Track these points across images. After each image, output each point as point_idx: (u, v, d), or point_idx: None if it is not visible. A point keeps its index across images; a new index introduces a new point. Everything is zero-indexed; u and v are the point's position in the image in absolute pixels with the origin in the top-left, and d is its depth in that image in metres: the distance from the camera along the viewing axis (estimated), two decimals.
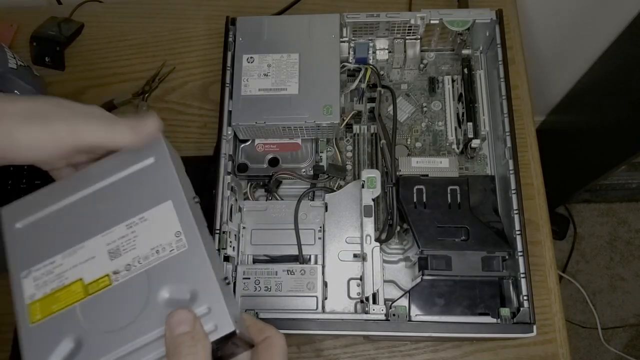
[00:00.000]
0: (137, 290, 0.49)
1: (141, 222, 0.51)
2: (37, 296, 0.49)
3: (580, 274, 1.68)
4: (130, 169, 0.53)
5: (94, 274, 0.49)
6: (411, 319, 0.63)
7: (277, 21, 0.75)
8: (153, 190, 0.52)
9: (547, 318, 0.73)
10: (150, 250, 0.49)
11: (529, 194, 0.78)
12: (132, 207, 0.51)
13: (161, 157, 0.53)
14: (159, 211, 0.51)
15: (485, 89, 0.75)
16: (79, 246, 0.50)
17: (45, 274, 0.50)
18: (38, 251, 0.51)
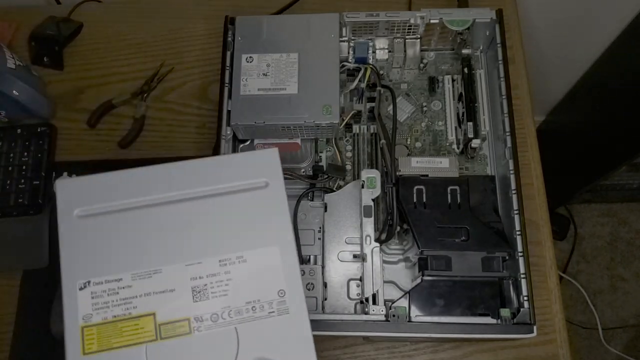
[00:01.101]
0: (222, 351, 0.39)
1: (239, 262, 0.41)
2: (94, 319, 0.39)
3: (581, 274, 1.68)
4: (238, 183, 0.43)
5: (170, 313, 0.39)
6: (411, 319, 0.62)
7: (276, 21, 0.75)
8: (259, 224, 0.42)
9: (547, 319, 0.72)
10: (245, 304, 0.40)
11: (529, 194, 0.77)
12: (230, 239, 0.42)
13: (275, 181, 0.44)
14: (262, 255, 0.42)
15: (485, 88, 0.75)
16: (155, 270, 0.40)
17: (107, 293, 0.39)
18: (101, 258, 0.40)
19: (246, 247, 0.41)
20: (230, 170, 0.43)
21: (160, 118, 0.86)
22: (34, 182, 0.80)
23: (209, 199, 0.42)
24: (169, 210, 0.41)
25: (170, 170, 0.42)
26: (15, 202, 0.79)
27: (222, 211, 0.42)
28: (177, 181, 0.42)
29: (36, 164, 0.81)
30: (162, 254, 0.40)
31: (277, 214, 0.43)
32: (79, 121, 0.86)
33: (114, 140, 0.84)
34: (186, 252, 0.40)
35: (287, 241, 0.42)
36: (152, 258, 0.40)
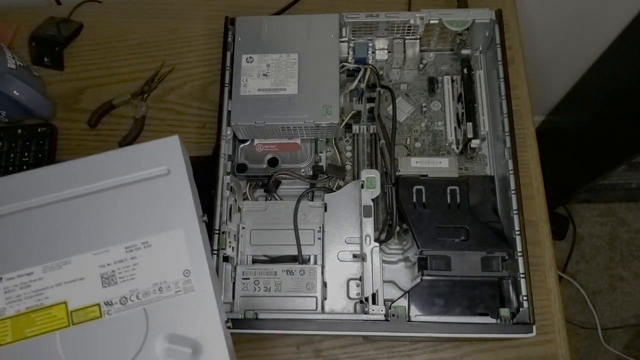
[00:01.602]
0: (132, 331, 0.40)
1: (144, 247, 0.43)
2: (7, 312, 0.40)
3: (580, 274, 1.68)
4: (139, 173, 0.44)
5: (81, 300, 0.41)
6: (411, 319, 0.63)
7: (276, 21, 0.75)
8: (162, 210, 0.43)
9: (546, 318, 0.72)
10: (152, 286, 0.42)
11: (529, 194, 0.77)
12: (134, 226, 0.43)
13: (176, 168, 0.45)
14: (166, 238, 0.43)
15: (484, 89, 0.75)
16: (65, 260, 0.41)
17: (20, 286, 0.40)
18: (13, 254, 0.41)
19: (151, 232, 0.43)
20: (132, 161, 0.44)
21: (161, 118, 0.86)
22: None
23: (113, 190, 0.43)
24: (75, 204, 0.42)
25: (73, 167, 0.44)
26: None
27: (126, 200, 0.43)
28: (82, 176, 0.43)
29: (37, 164, 0.81)
30: (71, 245, 0.42)
31: (180, 198, 0.44)
32: (79, 121, 0.86)
33: (115, 140, 0.84)
34: (93, 242, 0.42)
35: (191, 223, 0.43)
36: (61, 250, 0.41)
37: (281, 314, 0.64)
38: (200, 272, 0.43)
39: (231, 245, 0.68)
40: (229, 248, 0.67)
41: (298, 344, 0.73)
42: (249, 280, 0.67)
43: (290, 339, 0.73)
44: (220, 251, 0.65)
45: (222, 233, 0.66)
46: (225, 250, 0.66)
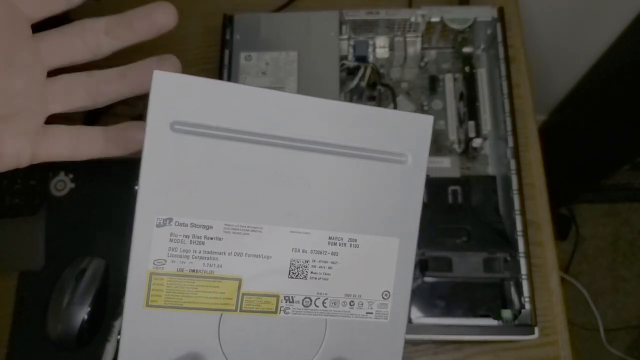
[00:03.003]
0: (304, 341, 0.34)
1: (350, 245, 0.35)
2: (167, 267, 0.31)
3: (583, 275, 1.67)
4: (375, 147, 0.34)
5: (260, 283, 0.33)
6: (411, 321, 0.62)
7: (275, 19, 0.75)
8: (385, 206, 0.35)
9: (548, 320, 0.72)
10: (344, 296, 0.34)
11: (531, 194, 0.77)
12: (347, 216, 0.35)
13: (419, 159, 0.35)
14: (378, 244, 0.35)
15: (486, 87, 0.74)
16: (256, 227, 0.33)
17: (191, 240, 0.32)
18: (192, 194, 0.32)
19: (363, 230, 0.35)
20: (375, 128, 0.34)
21: None
22: (30, 182, 0.79)
23: (337, 157, 0.33)
24: (288, 156, 0.32)
25: (306, 104, 0.33)
26: (10, 202, 0.78)
27: (348, 179, 0.34)
28: (309, 121, 0.33)
29: None
30: (268, 209, 0.33)
31: (410, 201, 0.35)
32: (75, 120, 0.85)
33: None
34: (295, 216, 0.33)
35: (411, 235, 0.35)
36: (254, 211, 0.33)
37: None
38: (400, 299, 0.36)
39: None
40: None
41: None
42: None
43: None
44: None
45: None
46: None
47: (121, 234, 0.78)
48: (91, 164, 0.82)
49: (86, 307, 0.71)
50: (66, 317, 0.71)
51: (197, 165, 0.31)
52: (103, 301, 0.74)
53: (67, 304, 0.71)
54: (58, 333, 0.71)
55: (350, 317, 0.34)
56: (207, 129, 0.32)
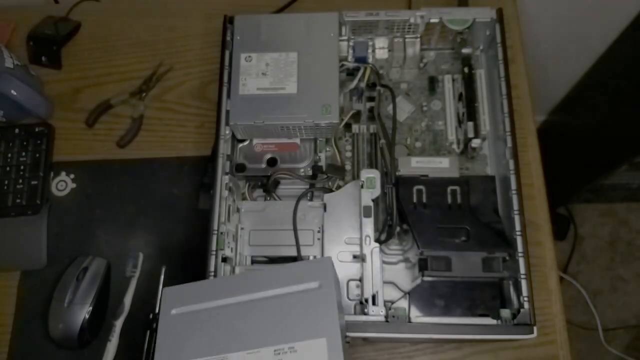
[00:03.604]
0: None
1: (290, 352, 0.48)
2: None
3: (581, 274, 1.67)
4: (294, 287, 0.52)
5: None
6: (411, 320, 0.62)
7: (275, 20, 0.75)
8: (310, 320, 0.50)
9: (547, 319, 0.72)
10: None
11: (530, 194, 0.77)
12: (284, 332, 0.49)
13: (326, 284, 0.51)
14: (310, 345, 0.48)
15: (485, 88, 0.74)
16: (224, 357, 0.50)
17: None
18: (184, 345, 0.51)
19: (298, 339, 0.49)
20: (290, 276, 0.52)
21: (159, 118, 0.85)
22: (32, 182, 0.79)
23: (271, 300, 0.51)
24: (237, 309, 0.51)
25: (245, 278, 0.53)
26: (13, 202, 0.79)
27: (281, 309, 0.50)
28: (248, 285, 0.52)
29: (34, 164, 0.81)
30: (230, 343, 0.49)
31: (326, 311, 0.50)
32: (77, 121, 0.86)
33: (112, 140, 0.84)
34: (249, 342, 0.49)
35: (334, 334, 0.49)
36: (221, 347, 0.50)
37: None
38: None
39: (230, 246, 0.68)
40: (227, 249, 0.67)
41: None
42: None
43: None
44: (219, 252, 0.65)
45: (220, 233, 0.65)
46: (224, 251, 0.66)
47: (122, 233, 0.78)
48: (91, 165, 0.83)
49: (87, 306, 0.72)
50: (68, 316, 0.71)
51: (186, 329, 0.51)
52: (104, 300, 0.75)
53: (68, 303, 0.72)
54: (60, 332, 0.71)
55: None
56: (190, 309, 0.53)
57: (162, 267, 0.76)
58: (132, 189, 0.81)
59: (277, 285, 0.52)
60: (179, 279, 0.75)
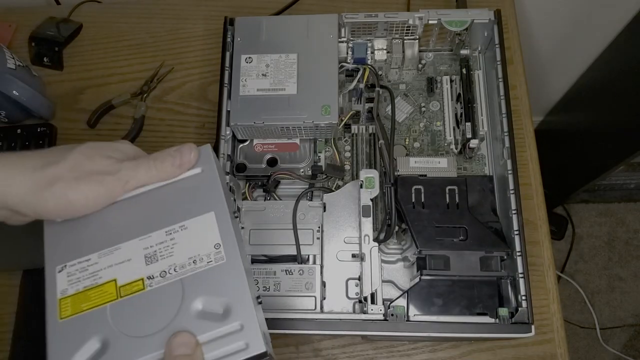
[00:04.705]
0: (170, 299, 0.48)
1: (181, 230, 0.51)
2: (69, 292, 0.49)
3: (579, 274, 1.68)
4: (183, 175, 0.53)
5: (128, 277, 0.49)
6: (409, 319, 0.63)
7: (275, 21, 0.75)
8: (197, 200, 0.52)
9: (545, 318, 0.73)
10: (187, 260, 0.50)
11: (528, 194, 0.78)
12: (173, 215, 0.51)
13: (208, 168, 0.53)
14: (200, 221, 0.51)
15: (483, 89, 0.75)
16: (116, 247, 0.50)
17: (79, 271, 0.50)
18: (75, 247, 0.51)
19: (187, 217, 0.51)
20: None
21: (160, 118, 0.86)
22: None
23: (157, 190, 0.53)
24: (127, 204, 0.52)
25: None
26: None
27: (167, 196, 0.52)
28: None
29: None
30: (121, 234, 0.51)
31: (211, 189, 0.52)
32: (78, 121, 0.86)
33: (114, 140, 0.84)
34: (139, 230, 0.51)
35: (221, 207, 0.51)
36: (113, 239, 0.51)
37: (280, 314, 0.64)
38: (229, 244, 0.50)
39: None
40: None
41: (297, 344, 0.73)
42: None
43: (289, 338, 0.73)
44: None
45: None
46: None
47: None
48: None
49: None
50: None
51: (74, 231, 0.51)
52: None
53: None
54: None
55: (197, 270, 0.49)
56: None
57: None
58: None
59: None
60: None
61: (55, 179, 0.46)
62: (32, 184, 0.46)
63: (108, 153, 0.50)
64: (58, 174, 0.47)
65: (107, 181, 0.49)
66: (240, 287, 0.49)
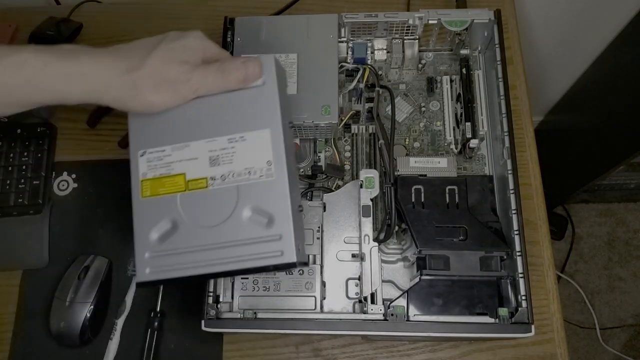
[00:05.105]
0: (227, 201, 0.58)
1: (241, 140, 0.58)
2: (148, 175, 0.60)
3: (579, 274, 1.68)
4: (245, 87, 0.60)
5: (195, 173, 0.59)
6: (409, 318, 0.63)
7: (275, 21, 0.75)
8: (256, 113, 0.59)
9: (545, 318, 0.73)
10: (243, 169, 0.58)
11: (527, 194, 0.78)
12: (235, 124, 0.59)
13: (270, 82, 0.59)
14: (257, 135, 0.58)
15: (483, 89, 0.75)
16: (186, 144, 0.59)
17: (156, 159, 0.60)
18: (153, 138, 0.60)
19: (246, 130, 0.58)
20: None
21: None
22: (34, 182, 0.80)
23: (223, 96, 0.59)
24: (194, 107, 0.59)
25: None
26: (15, 201, 0.79)
27: (232, 105, 0.59)
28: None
29: (36, 163, 0.81)
30: (192, 133, 0.59)
31: (270, 105, 0.59)
32: (78, 121, 0.86)
33: (114, 140, 0.84)
34: (206, 133, 0.59)
35: (277, 126, 0.58)
36: (184, 136, 0.59)
37: (280, 314, 0.64)
38: (279, 164, 0.57)
39: None
40: None
41: (297, 344, 0.73)
42: (248, 280, 0.67)
43: (289, 338, 0.73)
44: None
45: None
46: None
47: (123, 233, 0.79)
48: (92, 165, 0.83)
49: (89, 305, 0.72)
50: (69, 315, 0.72)
51: (154, 124, 0.60)
52: (106, 299, 0.75)
53: (70, 302, 0.72)
54: (61, 330, 0.72)
55: (250, 181, 0.58)
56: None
57: None
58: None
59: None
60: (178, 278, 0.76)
61: (138, 84, 0.54)
62: (121, 86, 0.54)
63: (182, 57, 0.56)
64: (140, 81, 0.54)
65: (180, 88, 0.56)
66: (283, 205, 0.57)
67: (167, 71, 0.55)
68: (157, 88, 0.55)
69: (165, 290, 0.75)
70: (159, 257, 0.59)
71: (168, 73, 0.55)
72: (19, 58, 0.50)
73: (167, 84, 0.56)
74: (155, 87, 0.55)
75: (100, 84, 0.54)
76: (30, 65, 0.51)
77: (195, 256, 0.58)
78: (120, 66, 0.54)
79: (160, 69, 0.55)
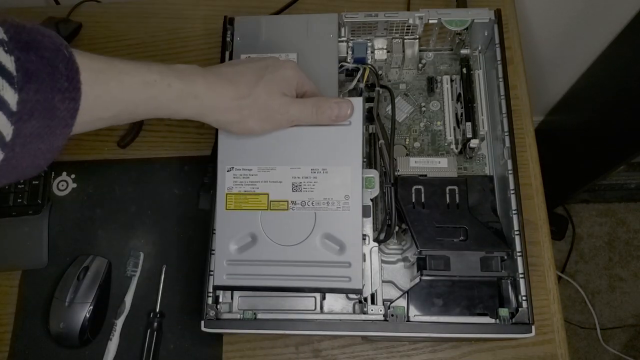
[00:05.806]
0: (304, 224, 0.62)
1: (323, 172, 0.62)
2: (233, 190, 0.64)
3: (579, 274, 1.68)
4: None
5: (277, 195, 0.63)
6: (409, 319, 0.63)
7: (275, 21, 0.75)
8: (340, 150, 0.63)
9: (545, 318, 0.73)
10: (322, 199, 0.62)
11: (528, 194, 0.78)
12: (320, 157, 0.63)
13: (356, 123, 0.63)
14: (339, 170, 0.62)
15: (483, 88, 0.74)
16: (272, 167, 0.63)
17: (242, 176, 0.64)
18: (241, 156, 0.64)
19: (330, 164, 0.63)
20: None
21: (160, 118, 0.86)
22: (33, 182, 0.80)
23: (312, 130, 0.63)
24: (285, 136, 0.63)
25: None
26: (14, 202, 0.79)
27: (319, 139, 0.63)
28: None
29: None
30: (278, 158, 0.63)
31: (354, 145, 0.63)
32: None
33: (113, 140, 0.84)
34: (292, 160, 0.63)
35: (357, 164, 0.62)
36: (271, 160, 0.63)
37: (280, 314, 0.64)
38: (355, 199, 0.62)
39: None
40: None
41: (297, 344, 0.73)
42: None
43: (289, 339, 0.73)
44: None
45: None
46: None
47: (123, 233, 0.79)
48: (91, 165, 0.83)
49: (88, 305, 0.72)
50: (68, 315, 0.72)
51: (244, 143, 0.64)
52: (105, 299, 0.75)
53: (69, 302, 0.72)
54: (60, 331, 0.72)
55: (327, 210, 0.62)
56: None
57: (162, 266, 0.76)
58: (132, 189, 0.81)
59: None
60: (179, 278, 0.76)
61: (244, 112, 0.58)
62: (228, 111, 0.57)
63: (283, 89, 0.59)
64: (246, 110, 0.58)
65: (278, 119, 0.61)
66: (356, 236, 0.61)
67: (271, 102, 0.59)
68: (260, 117, 0.59)
69: (165, 291, 0.75)
70: (236, 266, 0.62)
71: (272, 104, 0.59)
72: (149, 78, 0.51)
73: (269, 113, 0.59)
74: (259, 116, 0.59)
75: (209, 107, 0.56)
76: (157, 85, 0.52)
77: (269, 269, 0.62)
78: (229, 93, 0.57)
79: (265, 99, 0.58)
